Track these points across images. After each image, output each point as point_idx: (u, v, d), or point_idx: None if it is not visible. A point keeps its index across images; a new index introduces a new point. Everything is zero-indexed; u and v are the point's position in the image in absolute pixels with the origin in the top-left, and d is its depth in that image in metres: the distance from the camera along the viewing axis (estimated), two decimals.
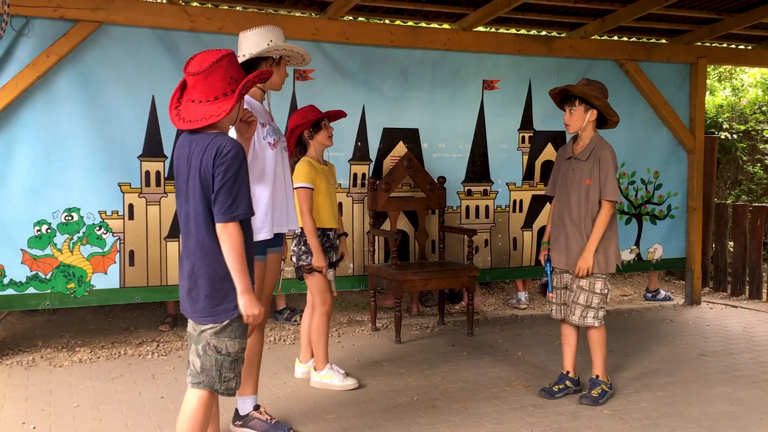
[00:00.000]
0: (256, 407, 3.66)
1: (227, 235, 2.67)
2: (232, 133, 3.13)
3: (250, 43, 3.54)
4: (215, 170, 2.65)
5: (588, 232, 4.03)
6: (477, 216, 6.36)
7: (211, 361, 2.75)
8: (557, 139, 6.46)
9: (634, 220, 6.90)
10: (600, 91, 4.05)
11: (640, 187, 6.89)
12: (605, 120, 4.14)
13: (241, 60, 3.47)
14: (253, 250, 2.93)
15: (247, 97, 3.43)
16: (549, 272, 4.24)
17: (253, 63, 3.52)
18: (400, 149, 6.02)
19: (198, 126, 2.71)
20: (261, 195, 3.43)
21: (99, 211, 5.11)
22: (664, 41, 6.91)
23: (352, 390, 4.32)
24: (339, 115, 4.51)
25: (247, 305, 2.72)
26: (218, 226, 2.67)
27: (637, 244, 6.91)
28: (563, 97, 4.13)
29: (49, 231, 4.99)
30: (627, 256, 6.86)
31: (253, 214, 2.76)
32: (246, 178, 2.72)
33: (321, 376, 4.38)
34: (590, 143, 4.09)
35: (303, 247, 4.30)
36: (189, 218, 2.76)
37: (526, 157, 6.46)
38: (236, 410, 3.69)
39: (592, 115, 4.06)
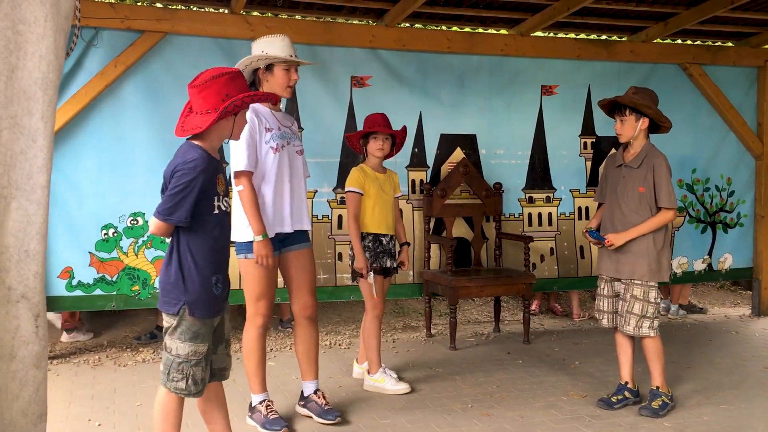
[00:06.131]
0: (315, 391, 3.98)
1: (153, 226, 2.78)
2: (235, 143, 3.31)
3: (249, 55, 3.78)
4: (173, 174, 2.74)
5: (643, 242, 3.98)
6: (540, 224, 6.26)
7: (165, 359, 2.85)
8: (621, 144, 6.32)
9: (709, 228, 6.72)
10: (650, 99, 3.99)
11: (715, 194, 6.70)
12: (657, 126, 4.08)
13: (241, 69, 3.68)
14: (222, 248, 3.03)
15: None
16: (596, 235, 4.13)
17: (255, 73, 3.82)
18: (458, 155, 6.00)
19: (182, 135, 2.82)
20: (265, 196, 3.65)
21: None
22: (730, 44, 6.71)
23: (405, 394, 4.33)
24: (399, 133, 4.53)
25: None
26: (153, 216, 2.77)
27: (709, 254, 6.72)
28: (612, 107, 4.09)
29: (115, 234, 5.16)
30: (699, 266, 6.69)
31: (186, 223, 2.76)
32: (195, 191, 2.73)
33: (374, 380, 4.41)
34: (642, 151, 4.04)
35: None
36: None
37: (589, 163, 6.36)
38: (302, 392, 4.03)
39: (644, 123, 4.01)
